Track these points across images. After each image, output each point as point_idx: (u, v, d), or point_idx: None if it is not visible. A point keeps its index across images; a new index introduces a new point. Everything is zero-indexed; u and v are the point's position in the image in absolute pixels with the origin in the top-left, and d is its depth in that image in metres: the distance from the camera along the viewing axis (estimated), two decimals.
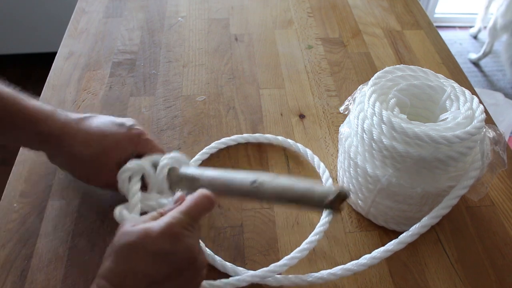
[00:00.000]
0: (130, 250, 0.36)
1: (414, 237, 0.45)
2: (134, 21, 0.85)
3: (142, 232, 0.36)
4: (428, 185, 0.47)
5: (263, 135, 0.62)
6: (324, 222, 0.50)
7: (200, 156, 0.60)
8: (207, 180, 0.44)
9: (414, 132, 0.43)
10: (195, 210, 0.39)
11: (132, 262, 0.36)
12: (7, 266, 0.49)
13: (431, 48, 0.82)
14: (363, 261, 0.45)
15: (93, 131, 0.48)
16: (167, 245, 0.36)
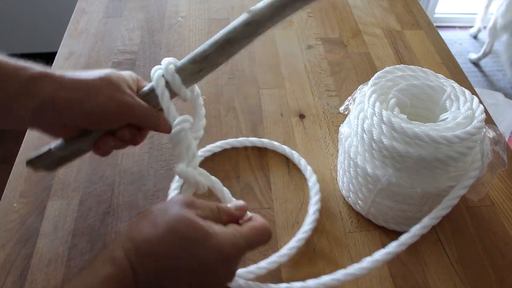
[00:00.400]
0: (184, 243, 0.33)
1: (415, 238, 0.44)
2: (134, 21, 0.85)
3: (205, 232, 0.34)
4: (428, 185, 0.47)
5: (248, 139, 0.62)
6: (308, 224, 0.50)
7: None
8: (210, 51, 0.44)
9: (414, 132, 0.43)
10: (255, 240, 0.37)
11: (178, 254, 0.33)
12: (7, 266, 0.49)
13: (431, 48, 0.82)
14: (365, 265, 0.45)
15: (79, 73, 0.42)
16: (216, 262, 0.34)
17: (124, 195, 0.56)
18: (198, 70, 0.44)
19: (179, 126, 0.43)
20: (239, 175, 0.59)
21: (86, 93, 0.39)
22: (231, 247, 0.35)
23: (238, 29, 0.41)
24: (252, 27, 0.41)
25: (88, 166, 0.59)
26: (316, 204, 0.54)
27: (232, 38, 0.42)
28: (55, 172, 0.58)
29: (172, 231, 0.34)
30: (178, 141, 0.43)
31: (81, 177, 0.58)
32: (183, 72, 0.43)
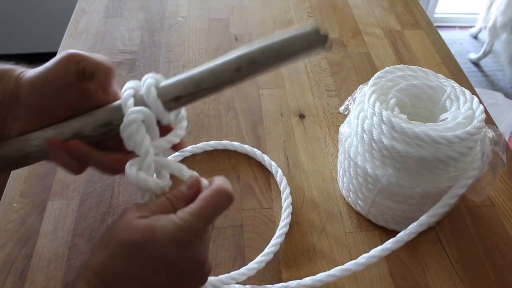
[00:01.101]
0: (133, 250, 0.32)
1: (412, 236, 0.45)
2: (134, 21, 0.85)
3: (149, 231, 0.32)
4: (428, 185, 0.47)
5: (219, 142, 0.62)
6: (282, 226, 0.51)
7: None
8: (194, 81, 0.37)
9: (414, 132, 0.43)
10: (210, 211, 0.34)
11: (132, 265, 0.32)
12: (7, 266, 0.49)
13: (431, 48, 0.82)
14: (361, 261, 0.45)
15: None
16: (174, 253, 0.32)
17: (124, 195, 0.56)
18: (179, 98, 0.38)
19: (130, 117, 0.36)
20: (239, 175, 0.59)
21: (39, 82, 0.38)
22: (180, 232, 0.32)
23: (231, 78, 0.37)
24: (245, 78, 0.38)
25: None
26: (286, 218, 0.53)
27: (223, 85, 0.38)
28: (55, 172, 0.58)
29: (120, 244, 0.32)
30: (129, 135, 0.36)
31: (81, 177, 0.58)
32: (165, 97, 0.37)
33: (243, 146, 0.61)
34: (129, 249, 0.32)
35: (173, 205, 0.35)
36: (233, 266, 0.50)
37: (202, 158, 0.61)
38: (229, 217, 0.54)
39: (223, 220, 0.54)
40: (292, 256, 0.51)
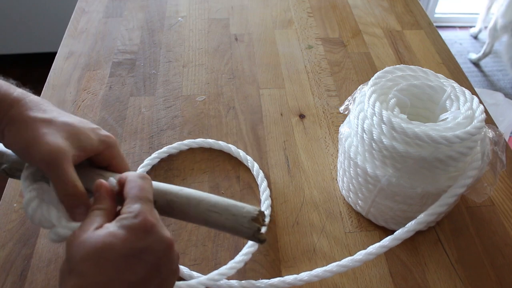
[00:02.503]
0: (99, 258, 0.30)
1: (410, 234, 0.45)
2: (134, 21, 0.85)
3: (106, 234, 0.31)
4: (428, 185, 0.47)
5: (205, 140, 0.62)
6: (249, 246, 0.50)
7: (144, 169, 0.59)
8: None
9: (414, 132, 0.43)
10: (146, 193, 0.34)
11: (104, 272, 0.30)
12: (7, 266, 0.49)
13: (431, 48, 0.82)
14: (358, 257, 0.45)
15: (57, 109, 0.39)
16: (141, 242, 0.31)
17: None
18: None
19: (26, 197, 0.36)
20: (239, 175, 0.59)
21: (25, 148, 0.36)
22: (135, 220, 0.32)
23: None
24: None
25: None
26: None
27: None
28: None
29: (83, 260, 0.31)
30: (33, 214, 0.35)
31: None
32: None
33: (218, 142, 0.61)
34: (95, 258, 0.31)
35: (103, 209, 0.34)
36: None
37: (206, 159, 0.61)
38: None
39: None
40: (292, 256, 0.51)
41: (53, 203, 0.36)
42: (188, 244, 0.51)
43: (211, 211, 0.36)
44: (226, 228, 0.37)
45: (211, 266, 0.49)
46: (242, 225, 0.36)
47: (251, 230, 0.35)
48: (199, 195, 0.37)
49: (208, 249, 0.51)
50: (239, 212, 0.36)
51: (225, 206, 0.36)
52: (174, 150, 0.61)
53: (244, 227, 0.36)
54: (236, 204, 0.36)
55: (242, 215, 0.36)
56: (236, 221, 0.36)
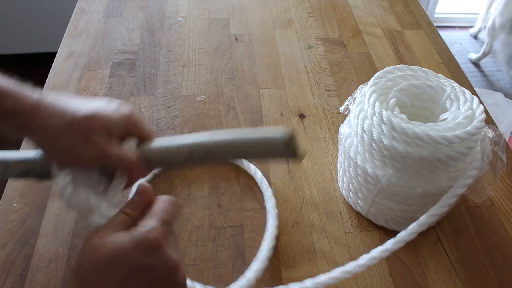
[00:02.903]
0: (104, 267, 0.31)
1: (413, 236, 0.45)
2: (134, 21, 0.85)
3: (115, 244, 0.32)
4: (428, 185, 0.47)
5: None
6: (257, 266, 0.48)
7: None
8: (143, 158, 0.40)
9: (414, 132, 0.43)
10: (166, 214, 0.35)
11: (107, 281, 0.31)
12: (7, 266, 0.49)
13: (431, 48, 0.82)
14: (362, 262, 0.45)
15: (73, 101, 0.40)
16: (146, 259, 0.32)
17: (124, 195, 0.56)
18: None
19: (61, 183, 0.37)
20: (239, 175, 0.59)
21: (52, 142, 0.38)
22: (152, 235, 0.33)
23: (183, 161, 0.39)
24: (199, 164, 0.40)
25: None
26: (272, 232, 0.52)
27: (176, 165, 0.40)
28: None
29: (90, 265, 0.32)
30: (69, 200, 0.37)
31: None
32: None
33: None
34: (101, 266, 0.31)
35: (130, 216, 0.36)
36: (233, 266, 0.50)
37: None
38: (229, 217, 0.54)
39: (223, 220, 0.54)
40: (292, 256, 0.51)
41: (91, 186, 0.38)
42: (188, 244, 0.51)
43: (246, 148, 0.37)
44: (265, 158, 0.38)
45: (211, 266, 0.50)
46: (280, 150, 0.36)
47: (289, 151, 0.36)
48: (231, 137, 0.38)
49: (208, 249, 0.51)
50: (273, 139, 0.36)
51: (258, 139, 0.37)
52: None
53: (282, 152, 0.36)
54: (267, 132, 0.37)
55: (276, 142, 0.36)
56: (272, 148, 0.37)
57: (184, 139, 0.39)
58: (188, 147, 0.38)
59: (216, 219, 0.54)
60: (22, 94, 0.38)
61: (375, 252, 0.45)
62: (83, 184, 0.38)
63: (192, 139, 0.39)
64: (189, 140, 0.39)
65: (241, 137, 0.38)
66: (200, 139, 0.38)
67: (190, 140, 0.39)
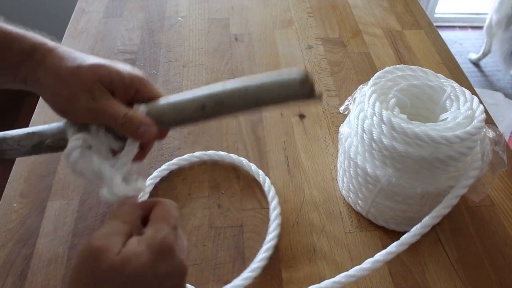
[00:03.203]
0: (130, 282, 0.29)
1: (416, 238, 0.44)
2: (134, 21, 0.85)
3: (136, 261, 0.30)
4: (428, 185, 0.47)
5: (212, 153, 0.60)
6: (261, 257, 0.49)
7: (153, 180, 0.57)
8: (154, 113, 0.39)
9: (414, 132, 0.43)
10: (176, 220, 0.34)
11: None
12: (7, 266, 0.49)
13: (431, 48, 0.82)
14: (366, 266, 0.45)
15: (85, 55, 0.40)
16: (164, 265, 0.31)
17: None
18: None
19: (70, 145, 0.37)
20: (239, 175, 0.59)
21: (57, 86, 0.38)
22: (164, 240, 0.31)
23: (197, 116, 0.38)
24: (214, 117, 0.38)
25: None
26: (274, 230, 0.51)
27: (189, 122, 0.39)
28: (55, 172, 0.58)
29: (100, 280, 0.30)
30: (74, 164, 0.37)
31: None
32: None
33: (230, 156, 0.60)
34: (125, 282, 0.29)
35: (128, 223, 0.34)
36: (233, 266, 0.50)
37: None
38: (229, 217, 0.54)
39: (223, 220, 0.54)
40: (292, 256, 0.51)
41: (101, 152, 0.37)
42: (188, 244, 0.51)
43: (261, 92, 0.36)
44: (281, 101, 0.36)
45: (211, 266, 0.49)
46: (296, 90, 0.35)
47: (306, 91, 0.35)
48: (244, 84, 0.37)
49: (208, 249, 0.51)
50: (288, 80, 0.35)
51: (273, 82, 0.36)
52: (184, 162, 0.60)
53: (298, 92, 0.35)
54: (281, 74, 0.36)
55: (292, 81, 0.35)
56: (288, 89, 0.35)
57: (194, 93, 0.38)
58: (200, 99, 0.37)
59: (216, 219, 0.54)
60: (41, 38, 0.39)
61: (379, 255, 0.44)
62: (94, 150, 0.37)
63: (203, 91, 0.38)
64: (200, 93, 0.38)
65: (254, 82, 0.36)
66: (211, 89, 0.37)
67: (201, 92, 0.38)
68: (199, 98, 0.37)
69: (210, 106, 0.37)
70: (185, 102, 0.38)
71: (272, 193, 0.55)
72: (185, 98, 0.38)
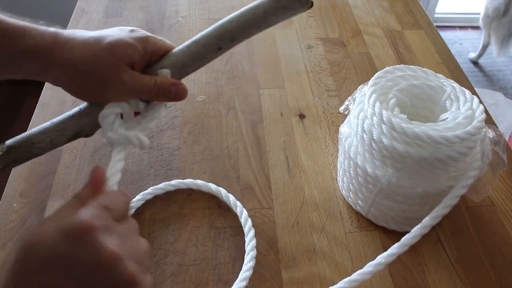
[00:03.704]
0: (24, 255, 0.27)
1: (417, 238, 0.44)
2: (134, 21, 0.85)
3: (41, 242, 0.27)
4: (428, 185, 0.47)
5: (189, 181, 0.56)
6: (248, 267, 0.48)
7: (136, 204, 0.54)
8: (179, 66, 0.42)
9: (414, 132, 0.43)
10: (113, 203, 0.30)
11: (26, 272, 0.27)
12: (7, 266, 0.49)
13: (431, 48, 0.82)
14: (368, 269, 0.44)
15: (90, 35, 0.40)
16: (66, 247, 0.27)
17: None
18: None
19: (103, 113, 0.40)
20: (239, 175, 0.59)
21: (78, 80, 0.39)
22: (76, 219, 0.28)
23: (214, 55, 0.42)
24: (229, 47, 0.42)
25: (88, 166, 0.59)
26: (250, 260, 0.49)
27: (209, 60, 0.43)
28: (55, 172, 0.58)
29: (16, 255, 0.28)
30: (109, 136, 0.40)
31: (81, 177, 0.58)
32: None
33: (208, 185, 0.56)
34: (22, 255, 0.28)
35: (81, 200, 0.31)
36: (233, 266, 0.50)
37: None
38: (229, 217, 0.54)
39: (223, 220, 0.54)
40: (292, 256, 0.51)
41: (129, 117, 0.41)
42: (188, 244, 0.51)
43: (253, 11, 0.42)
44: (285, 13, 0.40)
45: (211, 266, 0.50)
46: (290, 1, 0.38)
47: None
48: (248, 11, 0.42)
49: (208, 249, 0.51)
50: None
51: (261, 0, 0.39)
52: (159, 191, 0.56)
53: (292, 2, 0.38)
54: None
55: None
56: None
57: (206, 36, 0.41)
58: (214, 42, 0.41)
59: (216, 219, 0.54)
60: (38, 30, 0.39)
61: (381, 257, 0.44)
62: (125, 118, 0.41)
63: (214, 30, 0.41)
64: (212, 34, 0.41)
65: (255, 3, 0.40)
66: (221, 27, 0.42)
67: (214, 33, 0.41)
68: (214, 41, 0.41)
69: (226, 44, 0.41)
70: (203, 48, 0.41)
71: (249, 226, 0.52)
72: (200, 43, 0.41)
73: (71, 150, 0.61)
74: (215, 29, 0.41)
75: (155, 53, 0.42)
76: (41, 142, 0.42)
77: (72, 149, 0.61)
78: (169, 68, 0.42)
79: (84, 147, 0.61)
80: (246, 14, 0.39)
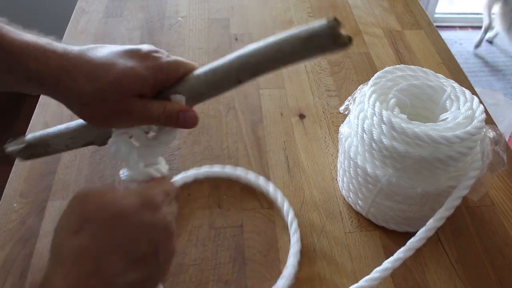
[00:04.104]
0: (114, 221, 0.30)
1: (422, 242, 0.44)
2: (134, 21, 0.85)
3: (116, 202, 0.31)
4: (428, 185, 0.46)
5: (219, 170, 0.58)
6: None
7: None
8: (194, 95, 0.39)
9: (414, 132, 0.43)
10: (167, 186, 0.37)
11: (115, 237, 0.30)
12: (7, 266, 0.49)
13: (431, 48, 0.82)
14: (375, 275, 0.44)
15: (98, 61, 0.38)
16: (148, 215, 0.32)
17: None
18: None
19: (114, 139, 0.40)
20: None
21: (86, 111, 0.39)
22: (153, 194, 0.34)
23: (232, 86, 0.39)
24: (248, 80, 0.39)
25: (88, 166, 0.59)
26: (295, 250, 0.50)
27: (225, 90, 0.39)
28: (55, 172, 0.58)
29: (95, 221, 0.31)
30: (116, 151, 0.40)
31: (81, 177, 0.58)
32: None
33: (247, 175, 0.57)
34: (110, 221, 0.31)
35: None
36: (233, 266, 0.50)
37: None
38: (229, 217, 0.54)
39: (223, 220, 0.54)
40: None
41: (140, 139, 0.41)
42: (188, 244, 0.51)
43: (291, 49, 0.34)
44: (313, 52, 0.34)
45: (211, 266, 0.50)
46: (327, 34, 0.32)
47: (336, 35, 0.32)
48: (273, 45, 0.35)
49: (208, 249, 0.51)
50: (318, 26, 0.33)
51: (303, 32, 0.33)
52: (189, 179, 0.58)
53: (330, 37, 0.32)
54: (307, 26, 0.33)
55: (322, 27, 0.32)
56: (319, 37, 0.33)
57: (227, 64, 0.38)
58: (233, 73, 0.37)
59: (216, 219, 0.54)
60: (45, 52, 0.37)
61: (387, 263, 0.44)
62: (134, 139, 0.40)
63: (236, 60, 0.37)
64: (234, 65, 0.37)
65: (281, 39, 0.35)
66: (243, 58, 0.37)
67: (235, 63, 0.37)
68: (234, 73, 0.37)
69: (246, 77, 0.37)
70: (220, 78, 0.38)
71: (291, 217, 0.53)
72: (218, 73, 0.38)
73: (71, 150, 0.61)
74: (236, 59, 0.37)
75: (170, 78, 0.40)
76: (56, 144, 0.43)
77: None
78: (183, 94, 0.39)
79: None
80: (271, 49, 0.35)
